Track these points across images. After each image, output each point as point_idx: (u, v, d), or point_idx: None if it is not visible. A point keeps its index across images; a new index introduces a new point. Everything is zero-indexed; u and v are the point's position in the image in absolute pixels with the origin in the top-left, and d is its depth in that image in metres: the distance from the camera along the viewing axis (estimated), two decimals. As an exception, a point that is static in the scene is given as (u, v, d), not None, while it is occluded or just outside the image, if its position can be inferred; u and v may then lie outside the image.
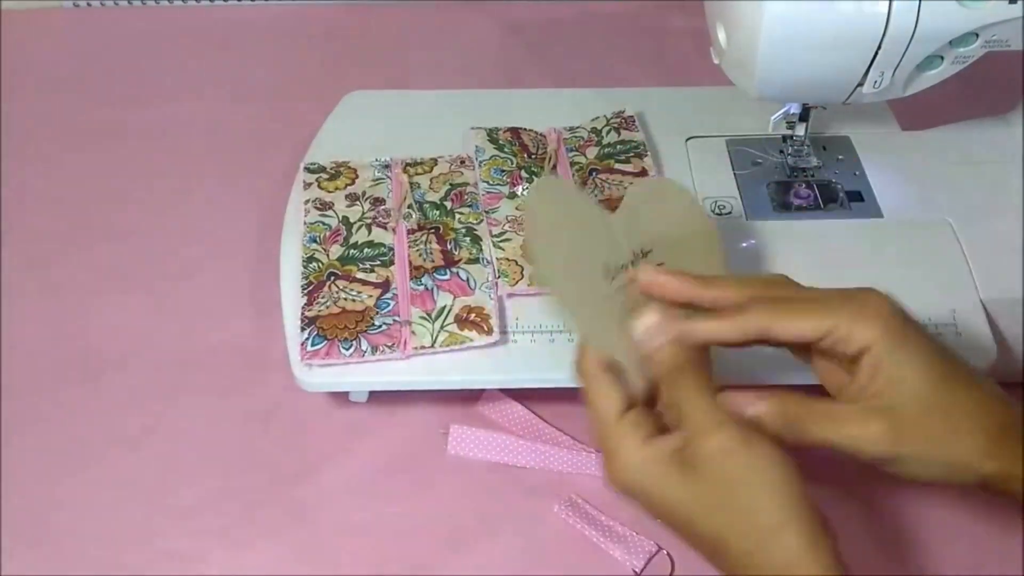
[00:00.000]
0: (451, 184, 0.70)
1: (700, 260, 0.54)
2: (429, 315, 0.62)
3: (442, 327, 0.61)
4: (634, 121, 0.74)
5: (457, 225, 0.67)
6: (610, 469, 0.46)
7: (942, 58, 0.59)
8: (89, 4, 0.98)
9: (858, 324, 0.45)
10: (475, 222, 0.68)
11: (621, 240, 0.54)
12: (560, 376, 0.58)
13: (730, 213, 0.69)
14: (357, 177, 0.71)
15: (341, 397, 0.68)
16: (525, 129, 0.74)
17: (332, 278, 0.64)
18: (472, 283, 0.63)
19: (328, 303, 0.62)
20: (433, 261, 0.65)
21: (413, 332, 0.61)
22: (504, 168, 0.70)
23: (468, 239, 0.66)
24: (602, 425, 0.47)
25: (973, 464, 0.45)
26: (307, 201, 0.69)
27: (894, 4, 0.55)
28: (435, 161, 0.72)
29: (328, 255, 0.65)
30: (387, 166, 0.72)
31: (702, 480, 0.44)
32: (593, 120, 0.75)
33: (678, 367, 0.47)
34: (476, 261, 0.64)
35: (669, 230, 0.55)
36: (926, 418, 0.45)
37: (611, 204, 0.65)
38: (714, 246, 0.55)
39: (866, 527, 0.62)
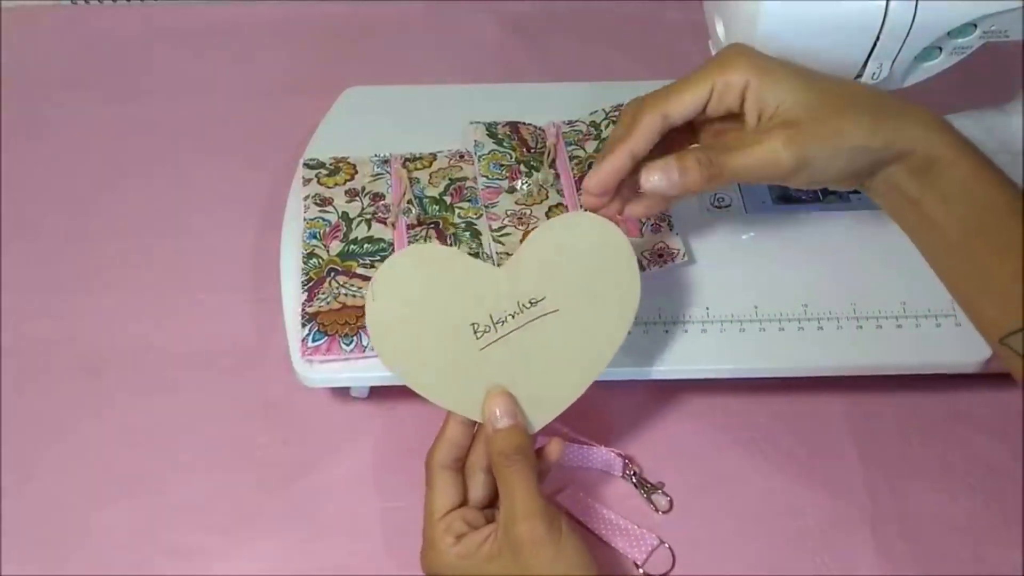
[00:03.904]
0: (450, 179, 0.70)
1: (603, 297, 0.55)
2: (429, 310, 0.62)
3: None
4: (633, 114, 0.74)
5: (457, 220, 0.67)
6: (426, 558, 0.53)
7: (940, 49, 0.59)
8: (87, 1, 0.98)
9: (729, 72, 0.51)
10: (475, 217, 0.68)
11: (505, 291, 0.55)
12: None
13: (729, 206, 0.69)
14: (356, 173, 0.71)
15: (342, 393, 0.68)
16: (524, 123, 0.74)
17: (332, 274, 0.64)
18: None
19: (328, 299, 0.62)
20: (433, 256, 0.64)
21: (413, 327, 0.61)
22: (503, 163, 0.70)
23: (468, 234, 0.66)
24: (428, 519, 0.54)
25: (863, 143, 0.49)
26: (307, 197, 0.69)
27: (892, -4, 0.55)
28: (434, 156, 0.72)
29: (328, 251, 0.65)
30: (386, 161, 0.72)
31: (509, 561, 0.50)
32: (592, 114, 0.75)
33: (507, 454, 0.52)
34: (476, 256, 0.65)
35: (570, 270, 0.55)
36: (816, 117, 0.49)
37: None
38: (630, 275, 0.55)
39: (870, 524, 0.62)
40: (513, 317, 0.55)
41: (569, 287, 0.55)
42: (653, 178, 0.52)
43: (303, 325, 0.61)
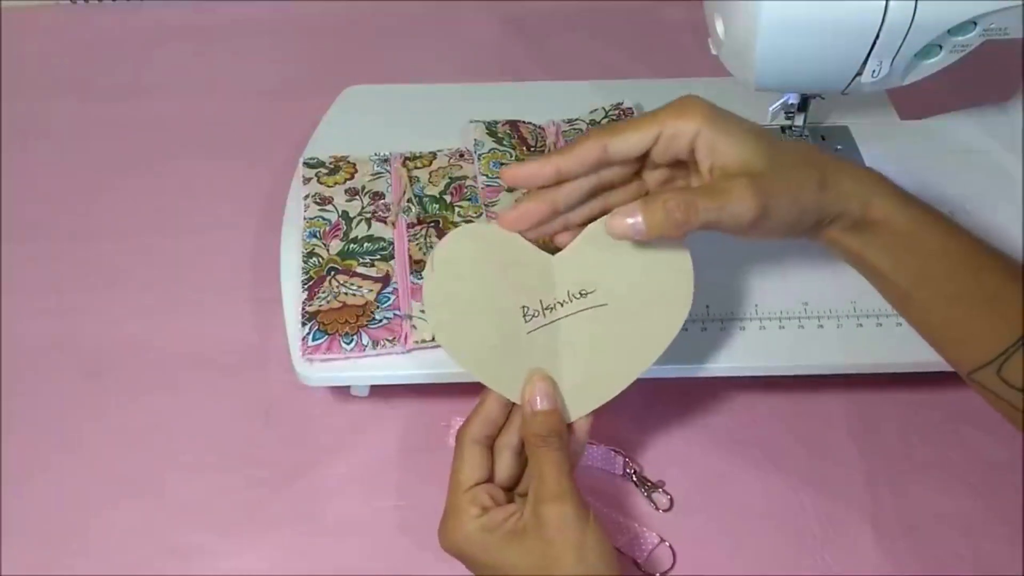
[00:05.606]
0: (450, 178, 0.70)
1: (654, 298, 0.54)
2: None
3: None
4: (632, 113, 0.74)
5: (457, 219, 0.67)
6: (447, 529, 0.52)
7: (940, 47, 0.59)
8: (87, 1, 0.98)
9: (680, 119, 0.50)
10: (475, 215, 0.68)
11: (557, 279, 0.54)
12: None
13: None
14: (356, 172, 0.71)
15: (342, 392, 0.68)
16: (524, 122, 0.74)
17: (332, 273, 0.64)
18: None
19: (329, 298, 0.62)
20: (433, 255, 0.64)
21: (414, 326, 0.61)
22: (503, 161, 0.70)
23: (468, 233, 0.66)
24: (454, 489, 0.53)
25: (813, 198, 0.50)
26: (307, 196, 0.69)
27: (892, -7, 0.55)
28: (434, 155, 0.72)
29: (328, 250, 0.65)
30: (386, 160, 0.72)
31: (534, 540, 0.49)
32: (592, 112, 0.75)
33: (542, 435, 0.52)
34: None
35: (624, 267, 0.54)
36: (776, 169, 0.49)
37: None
38: (683, 280, 0.54)
39: (870, 523, 0.62)
40: (562, 305, 0.54)
41: (621, 283, 0.54)
42: (618, 223, 0.50)
43: (303, 324, 0.61)
